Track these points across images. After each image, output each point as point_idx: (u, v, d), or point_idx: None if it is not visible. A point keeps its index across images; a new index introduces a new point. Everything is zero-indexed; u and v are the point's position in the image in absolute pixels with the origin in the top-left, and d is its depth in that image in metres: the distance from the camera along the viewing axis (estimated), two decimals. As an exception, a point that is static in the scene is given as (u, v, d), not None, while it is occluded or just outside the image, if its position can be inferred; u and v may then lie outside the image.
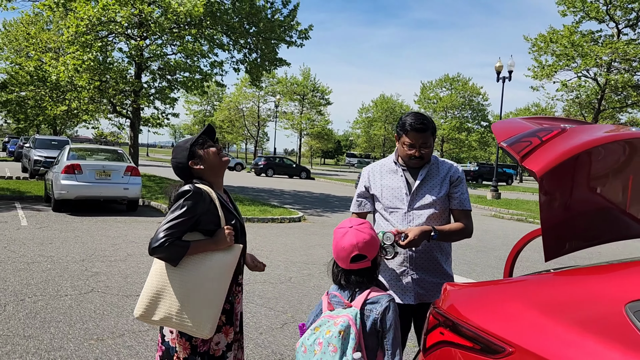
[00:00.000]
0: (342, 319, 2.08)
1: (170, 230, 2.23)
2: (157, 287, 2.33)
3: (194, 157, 2.47)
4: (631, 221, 2.20)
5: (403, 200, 2.70)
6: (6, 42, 32.00)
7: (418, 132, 2.60)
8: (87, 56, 15.12)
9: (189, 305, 2.26)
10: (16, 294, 5.22)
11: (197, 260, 2.31)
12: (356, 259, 2.19)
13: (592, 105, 28.58)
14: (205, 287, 2.29)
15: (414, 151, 2.63)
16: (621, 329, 1.37)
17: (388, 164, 2.82)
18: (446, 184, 2.70)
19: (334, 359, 1.99)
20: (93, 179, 11.27)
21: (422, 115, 2.65)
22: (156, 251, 2.24)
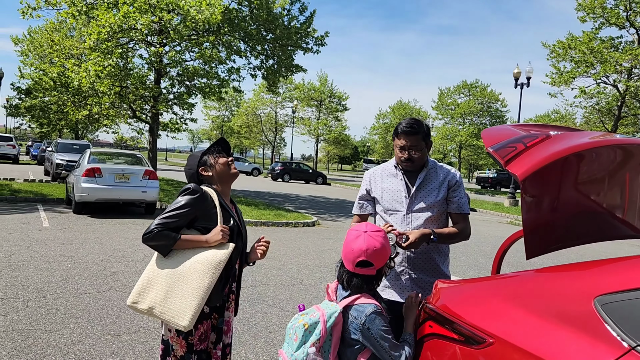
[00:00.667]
0: (318, 313, 2.13)
1: (163, 220, 2.37)
2: (148, 277, 2.44)
3: (204, 165, 2.64)
4: (614, 222, 2.30)
5: (402, 203, 2.80)
6: (31, 48, 32.88)
7: (407, 135, 2.72)
8: (108, 62, 15.51)
9: (172, 296, 2.35)
10: (38, 291, 5.45)
11: (188, 253, 2.42)
12: (362, 264, 2.18)
13: (612, 112, 28.29)
14: (191, 279, 2.37)
15: (405, 154, 2.75)
16: (590, 320, 1.49)
17: (389, 168, 2.93)
18: (444, 188, 2.80)
19: (293, 347, 2.10)
20: (113, 182, 11.56)
21: (414, 120, 2.78)
22: (147, 239, 2.38)
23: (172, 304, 2.35)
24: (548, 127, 2.25)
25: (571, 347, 1.46)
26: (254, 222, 11.73)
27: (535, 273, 1.83)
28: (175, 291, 2.36)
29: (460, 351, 1.78)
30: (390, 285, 2.80)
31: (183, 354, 2.45)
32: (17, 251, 7.30)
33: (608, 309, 1.48)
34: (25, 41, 34.29)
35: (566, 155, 1.88)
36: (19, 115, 32.44)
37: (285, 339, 2.23)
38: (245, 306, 5.41)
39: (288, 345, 2.14)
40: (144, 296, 2.41)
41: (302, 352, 2.06)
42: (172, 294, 2.36)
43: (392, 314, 2.84)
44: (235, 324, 4.83)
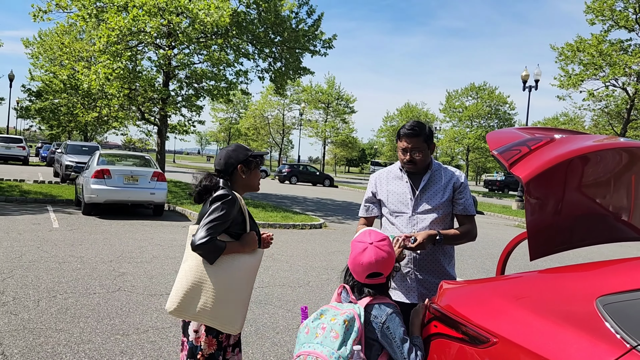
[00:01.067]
0: (348, 311, 2.13)
1: (212, 229, 2.40)
2: (193, 284, 2.46)
3: (246, 165, 2.66)
4: (618, 224, 2.32)
5: (408, 205, 2.84)
6: (41, 51, 33.22)
7: (409, 137, 2.76)
8: (117, 65, 15.65)
9: (223, 302, 2.43)
10: (49, 291, 5.52)
11: (228, 260, 2.48)
12: (372, 275, 2.22)
13: (621, 115, 28.14)
14: (236, 286, 2.47)
15: (407, 156, 2.79)
16: (591, 320, 1.51)
17: (394, 171, 2.97)
18: (449, 190, 2.83)
19: (334, 344, 2.03)
20: (121, 183, 11.66)
21: (417, 122, 2.82)
22: (200, 247, 2.39)
23: (223, 312, 2.44)
24: (552, 131, 2.28)
25: (573, 346, 1.48)
26: (261, 224, 11.78)
27: (538, 274, 1.86)
28: (225, 298, 2.44)
29: (464, 350, 1.81)
30: (397, 286, 2.83)
31: (213, 352, 2.51)
32: (27, 251, 7.39)
33: (610, 309, 1.51)
34: (36, 44, 34.67)
35: (570, 158, 1.90)
36: (29, 117, 32.75)
37: (305, 339, 2.15)
38: (253, 307, 5.45)
39: (322, 345, 2.06)
40: (191, 302, 2.45)
41: (346, 350, 2.02)
42: (223, 302, 2.44)
43: None
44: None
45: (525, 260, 4.04)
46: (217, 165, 2.68)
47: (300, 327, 2.23)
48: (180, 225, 11.16)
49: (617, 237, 2.36)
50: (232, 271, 2.47)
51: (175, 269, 6.99)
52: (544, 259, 2.44)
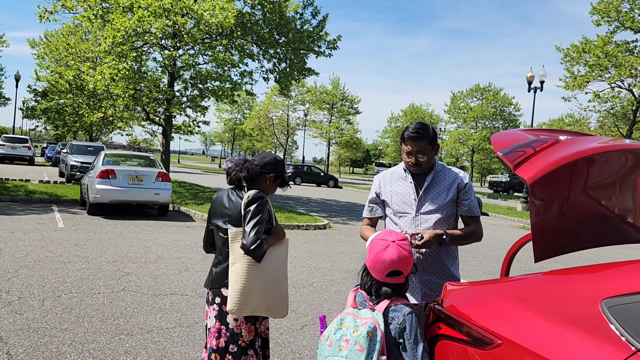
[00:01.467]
0: (368, 320, 2.12)
1: (258, 232, 2.63)
2: (246, 284, 2.68)
3: (274, 179, 2.94)
4: (624, 226, 2.30)
5: (411, 205, 2.84)
6: (47, 51, 33.35)
7: (413, 140, 2.76)
8: (122, 65, 15.70)
9: (272, 293, 2.72)
10: (53, 291, 5.54)
11: (267, 255, 2.71)
12: (392, 274, 2.22)
13: (627, 116, 28.01)
14: (279, 277, 2.77)
15: (411, 158, 2.79)
16: (596, 323, 1.51)
17: (398, 171, 2.97)
18: (453, 191, 2.84)
19: (360, 358, 2.02)
20: (126, 184, 11.70)
21: (420, 124, 2.81)
22: (253, 252, 2.60)
23: (274, 302, 2.73)
24: (558, 132, 2.27)
25: (578, 348, 1.48)
26: (265, 224, 11.79)
27: (543, 276, 1.85)
28: (273, 290, 2.73)
29: (468, 352, 1.80)
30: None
31: (253, 338, 2.75)
32: (32, 251, 7.42)
33: (615, 312, 1.50)
34: (42, 44, 34.81)
35: (575, 159, 1.90)
36: (35, 117, 32.90)
37: (329, 352, 2.13)
38: (257, 308, 5.46)
39: (347, 359, 2.06)
40: (248, 300, 2.67)
41: None
42: (272, 293, 2.72)
43: None
44: (247, 325, 4.89)
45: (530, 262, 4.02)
46: (259, 161, 2.93)
47: (322, 338, 2.21)
48: (184, 226, 11.18)
49: (623, 239, 2.35)
50: (272, 264, 2.74)
51: (180, 268, 7.01)
52: (549, 260, 2.43)
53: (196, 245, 8.88)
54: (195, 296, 5.74)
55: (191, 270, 6.97)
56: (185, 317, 5.01)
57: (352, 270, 7.68)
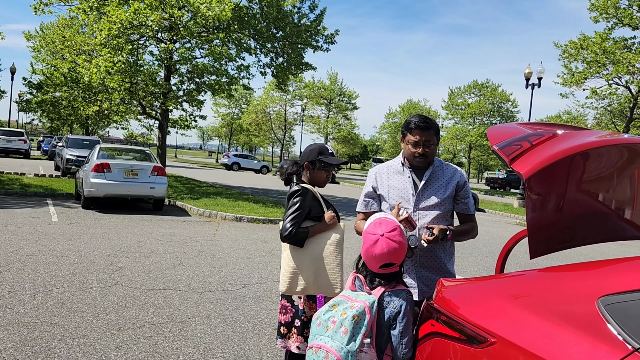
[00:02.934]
0: (359, 304, 2.17)
1: (292, 221, 2.94)
2: (292, 267, 2.99)
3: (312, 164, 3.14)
4: (621, 223, 2.26)
5: (409, 201, 2.80)
6: (43, 44, 33.14)
7: (422, 130, 2.71)
8: (118, 59, 15.58)
9: (320, 274, 2.95)
10: (45, 285, 5.48)
11: (315, 240, 3.01)
12: (385, 266, 2.29)
13: (624, 113, 28.01)
14: (331, 258, 2.99)
15: (419, 149, 2.74)
16: (592, 321, 1.46)
17: (395, 166, 2.92)
18: (451, 187, 2.80)
19: (343, 340, 2.10)
20: (121, 177, 11.62)
21: (425, 116, 2.79)
22: (285, 239, 2.94)
23: (323, 281, 2.96)
24: (555, 126, 2.22)
25: (574, 347, 1.43)
26: (261, 219, 11.74)
27: (538, 273, 1.81)
28: (322, 271, 2.97)
29: (462, 350, 1.76)
30: None
31: (312, 314, 2.90)
32: (25, 245, 7.36)
33: (611, 310, 1.46)
34: (38, 37, 34.58)
35: (572, 154, 1.85)
36: (31, 110, 32.70)
37: (317, 331, 2.24)
38: (251, 303, 5.42)
39: (332, 339, 2.15)
40: (297, 281, 2.97)
41: (355, 344, 2.10)
42: (320, 273, 2.96)
43: None
44: (240, 321, 4.84)
45: (526, 259, 3.99)
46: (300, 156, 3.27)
47: (314, 316, 2.33)
48: (180, 220, 11.13)
49: (620, 235, 2.30)
50: (321, 247, 2.99)
51: (174, 263, 6.96)
52: (545, 257, 2.40)
53: (191, 240, 8.82)
54: (188, 291, 5.69)
55: (185, 265, 6.92)
56: (178, 312, 4.96)
57: (347, 265, 7.64)
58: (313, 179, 3.16)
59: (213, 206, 13.02)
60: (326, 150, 3.18)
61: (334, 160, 3.14)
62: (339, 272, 3.00)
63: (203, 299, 5.46)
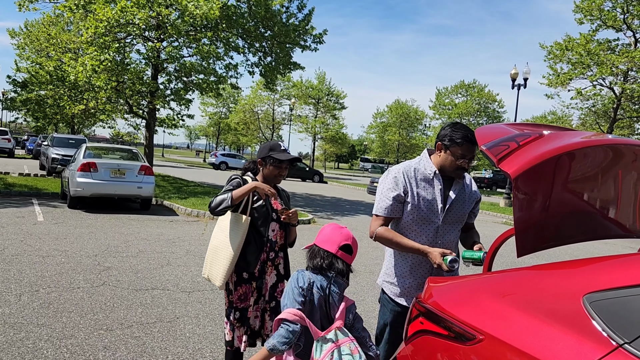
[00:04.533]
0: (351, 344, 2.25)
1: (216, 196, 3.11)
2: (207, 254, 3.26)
3: (263, 160, 3.17)
4: (605, 222, 2.31)
5: (437, 214, 2.70)
6: (28, 42, 32.71)
7: (472, 144, 2.60)
8: (105, 57, 15.46)
9: (214, 265, 3.14)
10: (31, 285, 5.43)
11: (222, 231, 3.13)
12: (345, 249, 2.39)
13: (608, 114, 28.38)
14: (221, 251, 3.09)
15: (465, 163, 2.63)
16: (578, 318, 1.50)
17: (422, 171, 2.73)
18: (471, 202, 2.83)
19: None
20: (108, 177, 11.53)
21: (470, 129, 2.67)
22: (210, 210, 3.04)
23: (214, 271, 3.14)
24: (541, 127, 2.26)
25: (559, 344, 1.46)
26: (249, 219, 11.71)
27: (525, 271, 1.84)
28: (214, 261, 3.14)
29: (450, 347, 1.78)
30: (411, 295, 2.78)
31: (226, 308, 3.21)
32: (10, 245, 7.28)
33: (596, 307, 1.49)
34: (22, 34, 34.11)
35: (558, 154, 1.89)
36: (15, 108, 32.30)
37: None
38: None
39: None
40: (204, 268, 3.25)
41: None
42: (214, 263, 3.14)
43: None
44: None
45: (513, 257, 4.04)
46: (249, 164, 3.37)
47: None
48: (167, 220, 11.07)
49: (605, 234, 2.35)
50: (219, 239, 3.15)
51: (162, 263, 6.93)
52: (531, 256, 2.43)
53: (179, 240, 8.79)
54: (177, 291, 5.67)
55: (173, 265, 6.89)
56: (166, 312, 4.94)
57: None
58: (267, 175, 3.18)
59: (201, 206, 12.97)
60: (278, 146, 3.16)
61: (283, 156, 3.10)
62: (223, 266, 3.08)
63: (191, 298, 5.45)
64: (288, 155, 3.13)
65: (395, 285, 2.80)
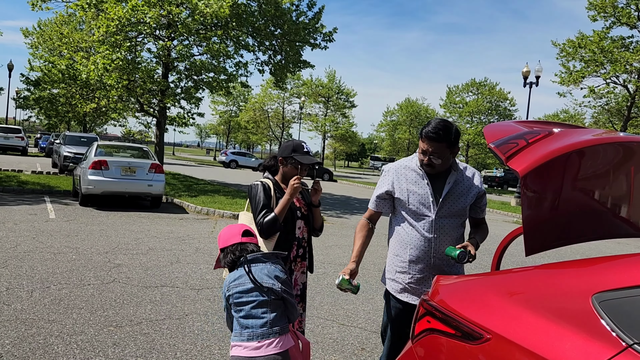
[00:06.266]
0: None
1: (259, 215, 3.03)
2: None
3: (285, 159, 3.14)
4: (616, 221, 2.28)
5: (430, 208, 2.71)
6: (41, 41, 33.04)
7: (431, 140, 2.61)
8: (116, 56, 15.55)
9: None
10: (42, 282, 5.48)
11: None
12: (246, 234, 2.60)
13: (622, 112, 28.06)
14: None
15: (425, 158, 2.67)
16: (587, 318, 1.48)
17: (411, 166, 2.80)
18: (472, 196, 2.76)
19: None
20: (119, 175, 11.61)
21: (444, 124, 2.64)
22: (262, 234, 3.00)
23: None
24: (551, 124, 2.23)
25: (567, 344, 1.45)
26: (258, 217, 11.73)
27: (533, 270, 1.82)
28: None
29: (457, 346, 1.77)
30: (410, 289, 2.78)
31: None
32: (22, 242, 7.35)
33: (606, 307, 1.47)
34: (35, 34, 34.47)
35: (568, 152, 1.86)
36: (28, 107, 32.62)
37: None
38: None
39: None
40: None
41: None
42: None
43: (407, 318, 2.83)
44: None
45: (521, 256, 4.00)
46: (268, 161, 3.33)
47: None
48: (177, 218, 11.12)
49: (615, 233, 2.32)
50: None
51: (171, 260, 6.96)
52: (540, 254, 2.41)
53: (189, 238, 8.83)
54: (186, 288, 5.70)
55: (183, 263, 6.93)
56: (175, 309, 4.97)
57: (344, 263, 7.65)
58: (285, 174, 3.15)
59: (211, 204, 13.02)
60: (301, 147, 3.11)
61: (305, 159, 3.07)
62: None
63: (200, 295, 5.47)
64: (310, 159, 3.09)
65: (396, 281, 2.83)
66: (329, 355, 4.18)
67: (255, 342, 2.36)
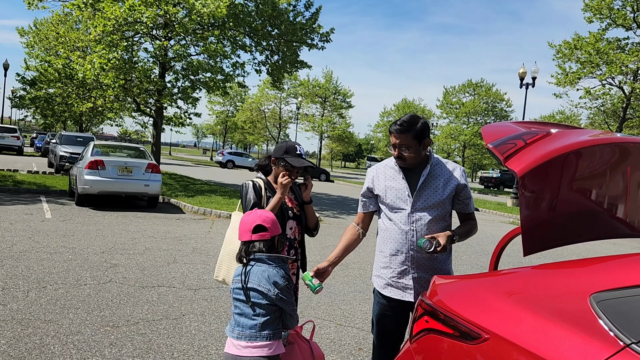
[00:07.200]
0: None
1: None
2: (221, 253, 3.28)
3: (276, 159, 3.13)
4: (613, 221, 2.29)
5: (406, 201, 2.77)
6: (37, 40, 32.90)
7: (397, 133, 2.70)
8: (113, 55, 15.51)
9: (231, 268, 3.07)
10: (39, 282, 5.47)
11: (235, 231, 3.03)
12: (257, 229, 2.52)
13: (617, 113, 28.16)
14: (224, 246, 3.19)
15: (395, 152, 2.76)
16: (585, 318, 1.48)
17: (391, 165, 2.90)
18: (450, 188, 2.75)
19: None
20: (115, 174, 11.59)
21: (409, 117, 2.74)
22: None
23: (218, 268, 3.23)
24: (549, 125, 2.24)
25: (566, 343, 1.45)
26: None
27: (531, 270, 1.83)
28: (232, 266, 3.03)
29: (455, 346, 1.77)
30: (393, 284, 2.80)
31: None
32: (18, 242, 7.33)
33: (604, 306, 1.48)
34: (31, 33, 34.33)
35: (565, 152, 1.87)
36: (24, 106, 32.53)
37: None
38: (245, 300, 5.43)
39: None
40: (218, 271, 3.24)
41: None
42: (231, 268, 3.05)
43: (393, 312, 2.84)
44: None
45: (519, 256, 4.02)
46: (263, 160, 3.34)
47: None
48: (174, 218, 11.10)
49: (612, 233, 2.33)
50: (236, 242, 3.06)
51: (168, 260, 6.95)
52: (538, 255, 2.42)
53: (185, 238, 8.81)
54: (183, 288, 5.69)
55: (179, 263, 6.91)
56: (172, 309, 4.96)
57: (342, 263, 7.65)
58: (276, 175, 3.14)
59: (207, 204, 13.00)
60: (294, 150, 3.09)
61: (296, 162, 3.04)
62: (222, 261, 3.18)
63: (197, 296, 5.46)
64: (302, 162, 3.07)
65: (380, 277, 2.90)
66: (326, 355, 4.18)
67: (244, 341, 2.41)
